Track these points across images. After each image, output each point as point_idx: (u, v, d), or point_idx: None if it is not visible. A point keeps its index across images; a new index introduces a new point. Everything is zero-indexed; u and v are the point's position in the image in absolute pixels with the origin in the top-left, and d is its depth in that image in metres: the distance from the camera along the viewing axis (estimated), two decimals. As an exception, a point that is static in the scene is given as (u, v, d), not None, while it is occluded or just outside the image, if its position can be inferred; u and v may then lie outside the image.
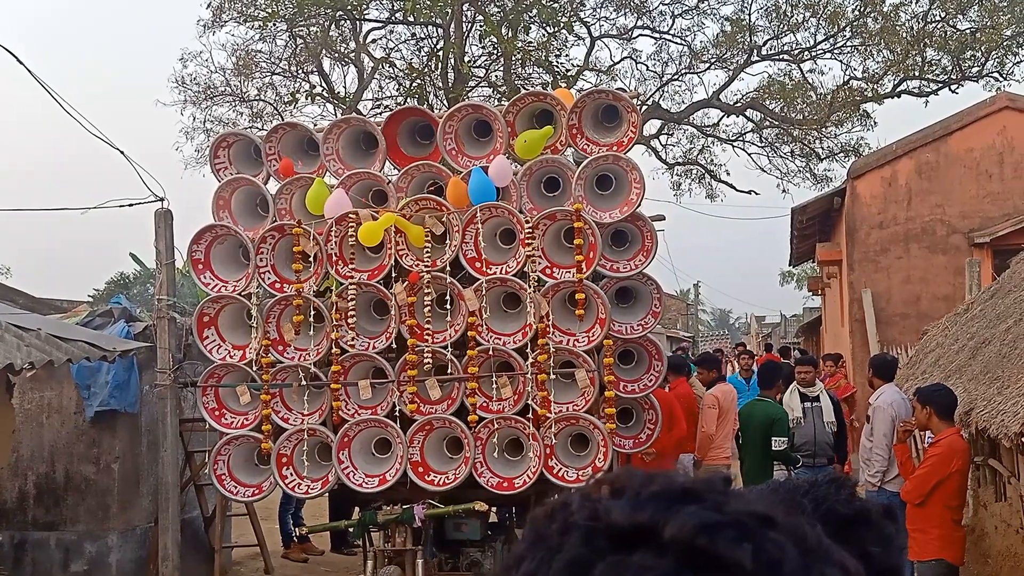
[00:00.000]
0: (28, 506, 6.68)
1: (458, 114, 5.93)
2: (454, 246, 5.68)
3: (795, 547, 0.55)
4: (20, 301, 8.80)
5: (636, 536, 0.55)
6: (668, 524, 0.54)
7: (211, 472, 6.01)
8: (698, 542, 0.53)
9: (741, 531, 0.54)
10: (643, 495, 0.57)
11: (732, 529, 0.54)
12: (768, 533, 0.55)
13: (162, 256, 6.34)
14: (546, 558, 0.56)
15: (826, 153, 18.72)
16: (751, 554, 0.53)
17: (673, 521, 0.54)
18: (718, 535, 0.53)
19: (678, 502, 0.56)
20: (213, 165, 6.31)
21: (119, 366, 6.38)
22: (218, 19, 16.66)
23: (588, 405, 5.60)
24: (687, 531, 0.53)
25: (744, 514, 0.55)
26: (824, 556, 0.57)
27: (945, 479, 5.00)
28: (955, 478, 5.05)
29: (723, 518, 0.55)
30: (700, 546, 0.53)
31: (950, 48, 16.79)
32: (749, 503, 0.57)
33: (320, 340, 5.85)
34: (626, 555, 0.54)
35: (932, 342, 7.82)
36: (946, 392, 5.24)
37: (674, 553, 0.53)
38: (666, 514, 0.55)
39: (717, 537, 0.53)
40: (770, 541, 0.54)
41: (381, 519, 5.55)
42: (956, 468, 5.03)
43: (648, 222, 5.86)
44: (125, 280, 32.54)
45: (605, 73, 18.22)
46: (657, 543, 0.54)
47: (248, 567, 7.76)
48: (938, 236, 11.98)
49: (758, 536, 0.54)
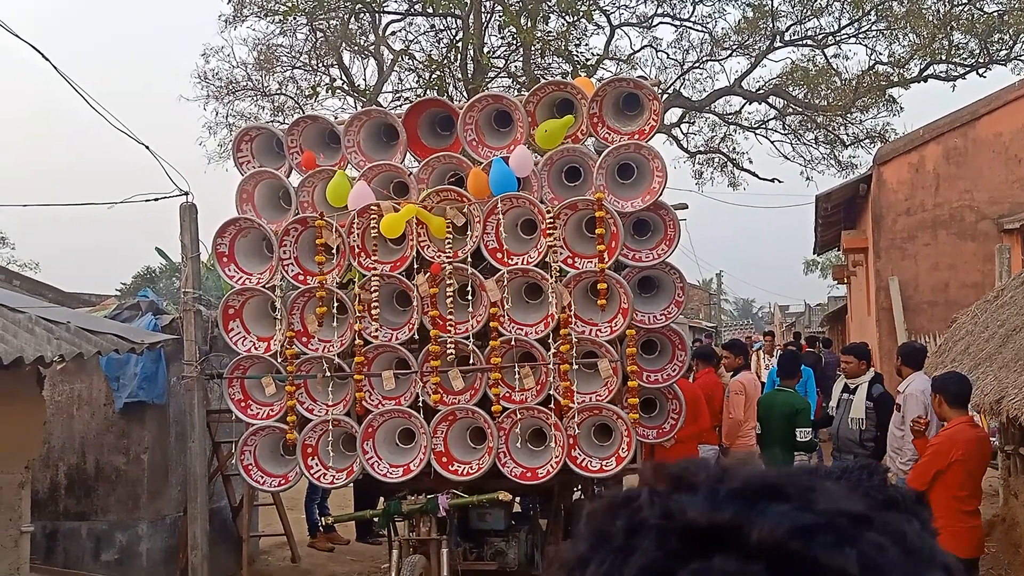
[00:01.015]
0: (59, 496, 6.80)
1: (478, 105, 5.92)
2: (475, 237, 5.68)
3: (897, 549, 0.50)
4: (49, 295, 8.95)
5: (716, 538, 0.49)
6: (755, 526, 0.49)
7: (238, 462, 6.08)
8: (792, 547, 0.48)
9: (840, 533, 0.49)
10: (721, 491, 0.52)
11: (830, 532, 0.49)
12: (867, 534, 0.50)
13: (187, 250, 6.41)
14: (615, 563, 0.51)
15: (851, 139, 18.48)
16: (856, 560, 0.48)
17: (761, 522, 0.49)
18: (815, 539, 0.48)
19: (762, 499, 0.51)
20: (236, 159, 6.35)
21: (147, 358, 6.47)
22: (239, 14, 16.76)
23: (611, 395, 5.59)
24: (780, 535, 0.48)
25: (840, 513, 0.50)
26: (928, 557, 0.52)
27: (945, 469, 4.86)
28: (956, 467, 4.89)
29: (818, 519, 0.49)
30: (794, 551, 0.48)
31: (977, 31, 16.48)
32: (839, 499, 0.52)
33: (343, 331, 5.89)
34: (707, 560, 0.48)
35: (961, 330, 7.71)
36: (958, 380, 5.13)
37: (764, 559, 0.48)
38: (751, 514, 0.50)
39: (814, 541, 0.48)
40: (871, 543, 0.49)
41: (406, 509, 5.58)
42: (956, 457, 4.88)
43: (671, 211, 5.82)
44: (151, 274, 32.96)
45: (625, 62, 18.10)
46: (742, 546, 0.49)
47: (275, 556, 7.85)
48: (967, 222, 11.80)
49: (858, 538, 0.49)
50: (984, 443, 5.19)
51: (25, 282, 10.27)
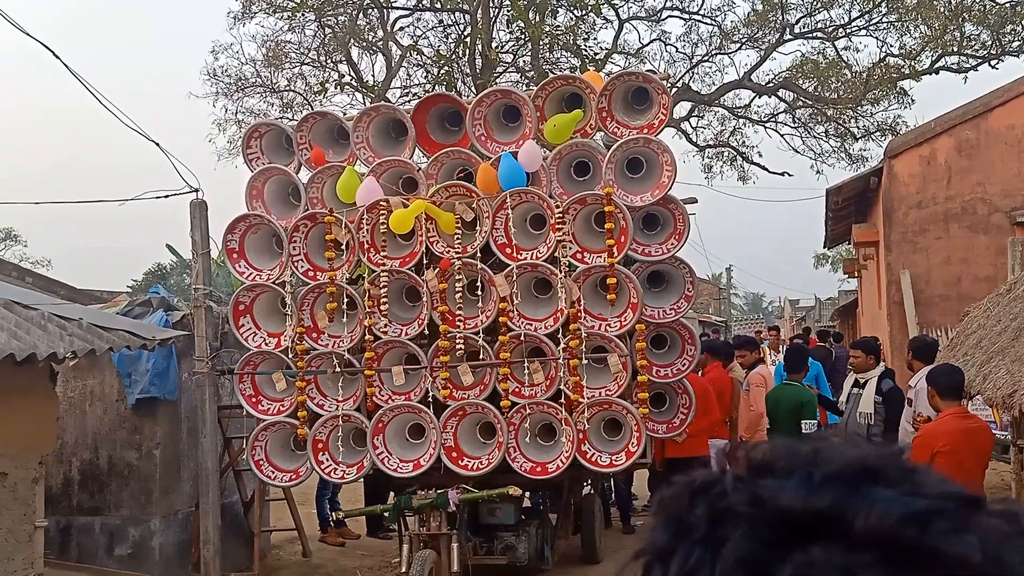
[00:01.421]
0: (73, 492, 6.85)
1: (487, 100, 5.92)
2: (485, 232, 5.68)
3: (1013, 531, 0.46)
4: (61, 292, 9.01)
5: (815, 527, 0.45)
6: (861, 512, 0.45)
7: (249, 458, 6.11)
8: (907, 535, 0.44)
9: (955, 518, 0.45)
10: (817, 475, 0.48)
11: (946, 517, 0.45)
12: (983, 518, 0.46)
13: (198, 246, 6.43)
14: (703, 556, 0.47)
15: (861, 132, 18.35)
16: (978, 546, 0.44)
17: (867, 509, 0.45)
18: (931, 525, 0.45)
19: (864, 483, 0.47)
20: (245, 155, 6.37)
21: (158, 354, 6.50)
22: (248, 10, 16.79)
23: (621, 390, 5.59)
24: (892, 522, 0.44)
25: (950, 496, 0.47)
26: None
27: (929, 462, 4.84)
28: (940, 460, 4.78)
29: (932, 504, 0.46)
30: (909, 539, 0.44)
31: (989, 22, 16.33)
32: (941, 482, 0.48)
33: (353, 327, 5.90)
34: (807, 551, 0.44)
35: (973, 323, 7.65)
36: (948, 372, 5.08)
37: (876, 548, 0.44)
38: (854, 499, 0.46)
39: (930, 528, 0.44)
40: (988, 528, 0.46)
41: (416, 504, 5.60)
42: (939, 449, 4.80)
43: (680, 205, 5.80)
44: (162, 270, 33.14)
45: (634, 56, 18.03)
46: (845, 535, 0.45)
47: (286, 551, 7.88)
48: (979, 215, 11.71)
49: (975, 523, 0.46)
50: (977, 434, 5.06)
51: (38, 279, 10.35)
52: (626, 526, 8.17)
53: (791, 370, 7.39)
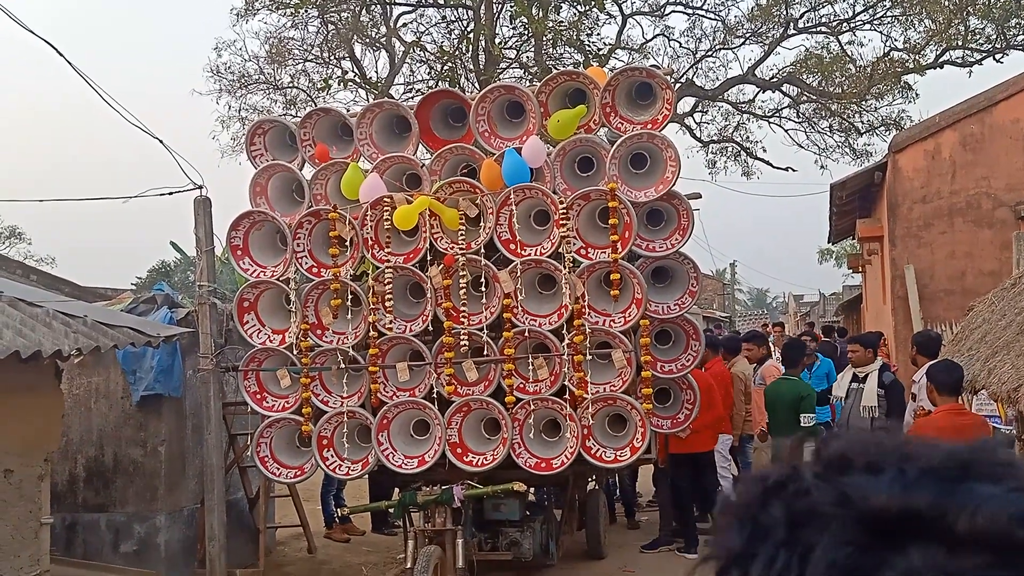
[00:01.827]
0: (78, 489, 6.87)
1: (490, 95, 5.91)
2: (488, 228, 5.68)
3: None
4: (66, 290, 9.02)
5: (912, 527, 0.42)
6: (964, 512, 0.42)
7: (254, 454, 6.12)
8: (1019, 536, 0.41)
9: None
10: (911, 471, 0.44)
11: None
12: None
13: (202, 243, 6.44)
14: (789, 560, 0.43)
15: (866, 127, 18.31)
16: None
17: (972, 508, 0.42)
18: None
19: (964, 479, 0.44)
20: (249, 152, 6.37)
21: (163, 351, 6.51)
22: (251, 7, 16.78)
23: (625, 386, 5.58)
24: (1001, 523, 0.41)
25: None
26: None
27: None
28: None
29: None
30: (1019, 540, 0.41)
31: (994, 16, 16.26)
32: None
33: (358, 324, 5.91)
34: (906, 554, 0.41)
35: (978, 318, 7.63)
36: (946, 368, 5.08)
37: (984, 550, 0.41)
38: (955, 498, 0.43)
39: None
40: None
41: (421, 500, 5.61)
42: None
43: (684, 200, 5.79)
44: (166, 268, 33.17)
45: (637, 51, 18.00)
46: (947, 536, 0.42)
47: (292, 547, 7.91)
48: (983, 210, 11.67)
49: None
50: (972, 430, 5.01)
51: (42, 277, 10.36)
52: (630, 521, 8.18)
53: (789, 364, 7.40)
